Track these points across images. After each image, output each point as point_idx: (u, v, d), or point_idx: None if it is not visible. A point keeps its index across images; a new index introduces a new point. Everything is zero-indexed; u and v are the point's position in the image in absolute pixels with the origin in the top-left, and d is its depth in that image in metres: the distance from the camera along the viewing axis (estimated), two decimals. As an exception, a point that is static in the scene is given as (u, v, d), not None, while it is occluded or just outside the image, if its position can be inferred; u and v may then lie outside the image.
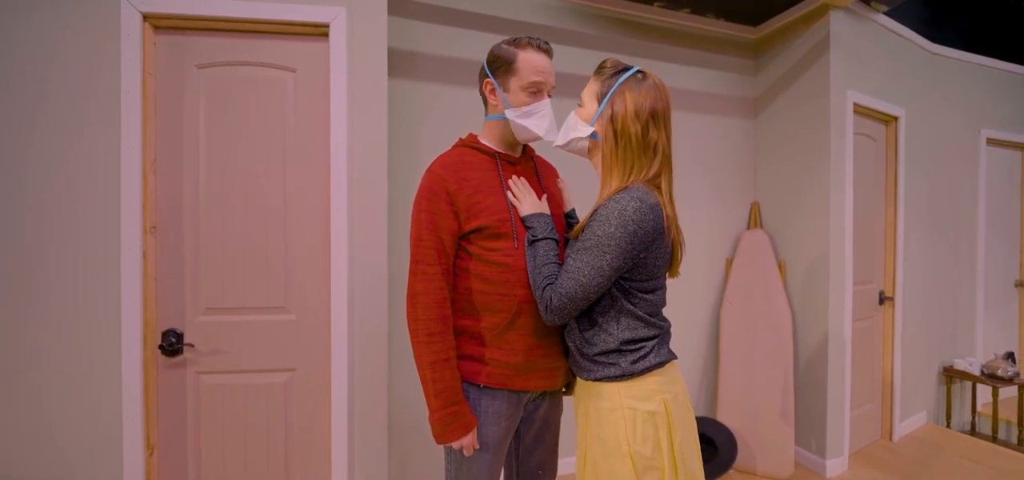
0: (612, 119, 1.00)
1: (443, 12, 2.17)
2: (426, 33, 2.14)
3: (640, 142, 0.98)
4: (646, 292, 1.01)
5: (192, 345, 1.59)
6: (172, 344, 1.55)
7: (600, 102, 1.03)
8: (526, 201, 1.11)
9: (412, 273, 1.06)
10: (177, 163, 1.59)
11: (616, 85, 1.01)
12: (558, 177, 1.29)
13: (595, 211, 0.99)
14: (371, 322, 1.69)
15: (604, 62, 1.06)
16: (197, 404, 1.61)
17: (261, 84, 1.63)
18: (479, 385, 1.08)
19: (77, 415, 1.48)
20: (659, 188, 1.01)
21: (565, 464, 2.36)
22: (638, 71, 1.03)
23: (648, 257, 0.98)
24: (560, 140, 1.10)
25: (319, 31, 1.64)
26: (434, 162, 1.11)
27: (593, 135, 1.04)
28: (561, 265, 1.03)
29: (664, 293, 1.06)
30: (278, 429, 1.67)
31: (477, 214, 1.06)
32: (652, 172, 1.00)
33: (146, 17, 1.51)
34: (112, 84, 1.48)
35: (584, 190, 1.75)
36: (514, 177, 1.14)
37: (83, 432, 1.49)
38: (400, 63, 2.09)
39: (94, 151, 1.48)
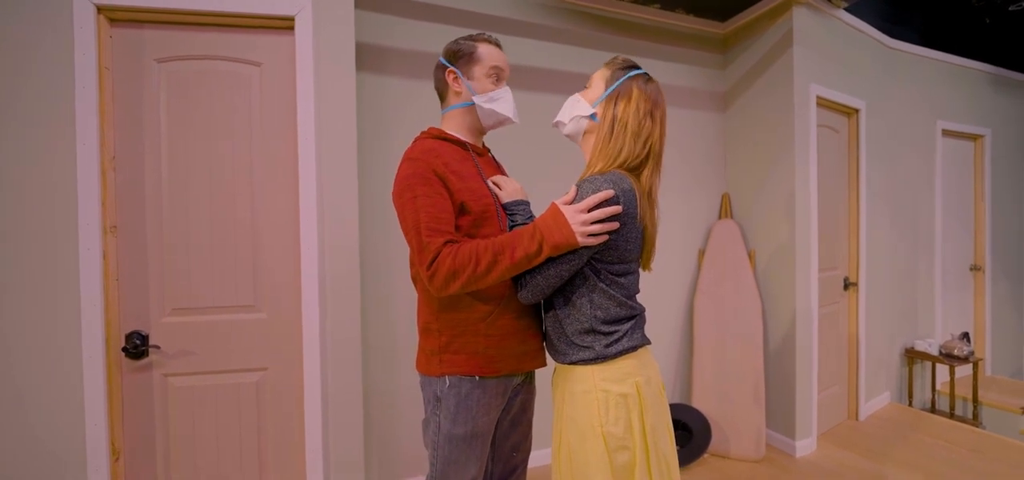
0: (615, 105, 1.04)
1: (413, 6, 2.16)
2: (397, 27, 2.13)
3: (635, 132, 1.02)
4: (618, 275, 1.03)
5: (158, 347, 1.55)
6: (137, 346, 1.51)
7: (608, 87, 1.06)
8: (507, 188, 1.14)
9: (422, 252, 1.00)
10: (138, 160, 1.54)
11: (625, 77, 1.05)
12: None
13: (573, 188, 1.01)
14: (344, 318, 1.67)
15: (616, 57, 1.11)
16: (165, 407, 1.57)
17: (225, 78, 1.59)
18: (476, 377, 1.08)
19: (37, 422, 1.43)
20: (639, 177, 1.04)
21: (540, 456, 2.38)
22: (645, 72, 1.08)
23: (619, 240, 1.00)
24: (563, 116, 1.12)
25: (284, 24, 1.61)
26: (412, 151, 1.10)
27: (592, 116, 1.07)
28: None
29: (636, 278, 1.09)
30: (251, 430, 1.64)
31: (464, 199, 1.08)
32: (638, 161, 1.03)
33: (100, 9, 1.46)
34: (66, 79, 1.43)
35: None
36: (493, 179, 1.17)
37: (44, 440, 1.44)
38: (370, 57, 2.07)
39: (49, 149, 1.43)
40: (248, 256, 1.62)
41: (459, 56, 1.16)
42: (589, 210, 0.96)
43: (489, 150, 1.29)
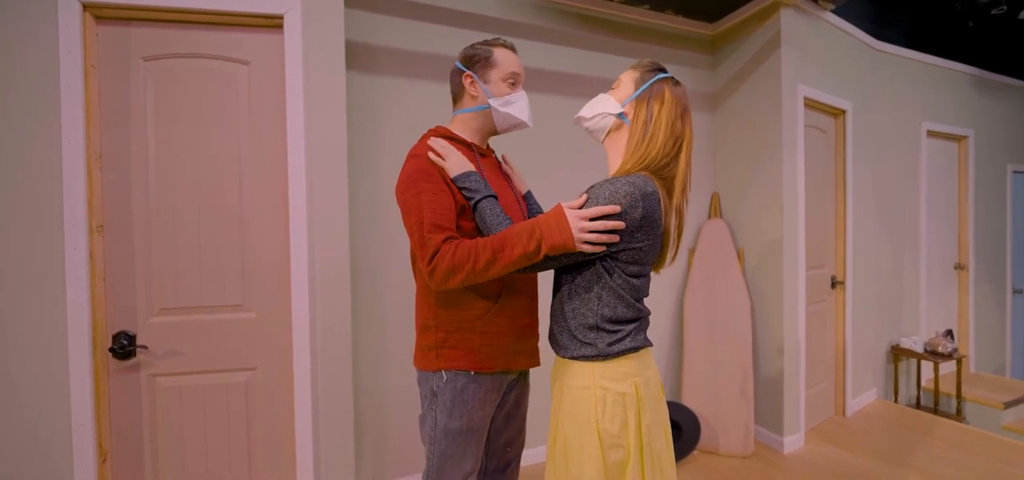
0: (648, 105, 1.05)
1: (403, 5, 2.16)
2: (386, 26, 2.13)
3: (668, 134, 1.04)
4: (631, 276, 1.03)
5: (145, 347, 1.54)
6: (124, 346, 1.50)
7: (638, 88, 1.07)
8: (451, 160, 1.10)
9: (423, 247, 1.01)
10: (125, 159, 1.53)
11: (656, 78, 1.07)
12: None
13: (591, 187, 1.01)
14: (334, 317, 1.67)
15: (643, 60, 1.13)
16: (153, 407, 1.56)
17: (213, 77, 1.59)
18: (470, 372, 1.10)
19: (23, 424, 1.42)
20: (665, 179, 1.04)
21: (535, 453, 2.39)
22: (672, 76, 1.10)
23: (635, 242, 1.00)
24: (587, 111, 1.13)
25: (273, 22, 1.61)
26: (418, 148, 1.12)
27: (621, 115, 1.08)
28: (509, 220, 1.07)
29: (648, 281, 1.09)
30: (240, 430, 1.63)
31: (465, 202, 1.09)
32: (665, 161, 1.04)
33: (86, 7, 1.45)
34: (51, 77, 1.42)
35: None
36: (433, 138, 1.14)
37: (31, 441, 1.42)
38: (359, 56, 2.07)
39: (35, 148, 1.41)
40: (237, 255, 1.62)
41: (476, 61, 1.17)
42: (592, 218, 0.96)
43: (494, 152, 1.30)
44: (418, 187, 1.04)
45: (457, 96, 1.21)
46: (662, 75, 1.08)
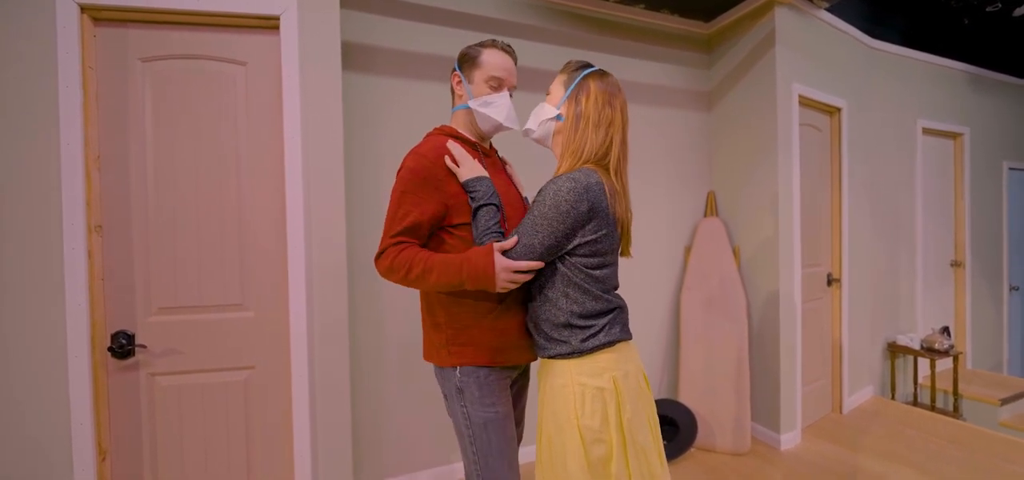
0: (576, 102, 1.10)
1: (399, 5, 2.17)
2: (382, 26, 2.14)
3: (597, 123, 1.07)
4: (592, 269, 1.05)
5: (144, 346, 1.55)
6: (123, 346, 1.51)
7: (567, 88, 1.12)
8: (466, 166, 1.14)
9: (382, 239, 1.10)
10: (123, 160, 1.54)
11: (581, 76, 1.12)
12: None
13: (540, 189, 1.05)
14: (331, 315, 1.68)
15: (570, 61, 1.17)
16: (152, 407, 1.57)
17: (210, 78, 1.60)
18: (488, 366, 1.13)
19: (23, 423, 1.43)
20: (607, 168, 1.07)
21: (527, 452, 2.40)
22: (600, 69, 1.14)
23: (587, 235, 1.03)
24: (531, 123, 1.17)
25: (269, 23, 1.62)
26: (422, 147, 1.14)
27: (558, 116, 1.12)
28: (501, 231, 1.10)
29: (614, 272, 1.11)
30: (238, 428, 1.64)
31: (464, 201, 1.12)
32: (603, 150, 1.07)
33: (84, 8, 1.46)
34: (49, 79, 1.43)
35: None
36: (451, 142, 1.17)
37: (30, 440, 1.43)
38: (356, 57, 2.08)
39: (32, 149, 1.42)
40: (235, 255, 1.63)
41: (465, 60, 1.21)
42: (516, 271, 1.03)
43: (496, 151, 1.32)
44: (404, 186, 1.09)
45: (453, 93, 1.25)
46: (587, 71, 1.12)
